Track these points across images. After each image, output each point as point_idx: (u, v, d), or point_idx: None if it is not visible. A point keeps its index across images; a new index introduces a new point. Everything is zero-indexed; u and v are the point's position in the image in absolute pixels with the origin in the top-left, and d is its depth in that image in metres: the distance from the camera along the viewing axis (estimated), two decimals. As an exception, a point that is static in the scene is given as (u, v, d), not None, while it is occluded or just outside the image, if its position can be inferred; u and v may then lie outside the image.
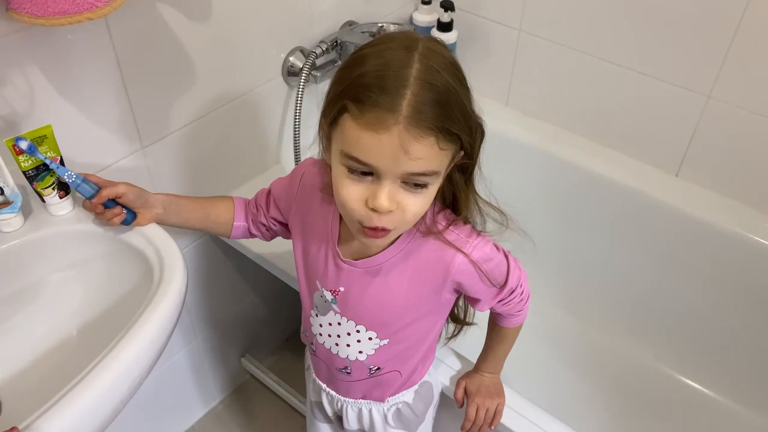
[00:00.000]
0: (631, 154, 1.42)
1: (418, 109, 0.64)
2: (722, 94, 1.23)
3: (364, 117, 0.65)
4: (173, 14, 1.02)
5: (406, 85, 0.64)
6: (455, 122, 0.67)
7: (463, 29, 1.48)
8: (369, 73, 0.66)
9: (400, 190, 0.69)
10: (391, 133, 0.64)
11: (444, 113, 0.66)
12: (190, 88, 1.12)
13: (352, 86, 0.67)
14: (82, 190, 0.85)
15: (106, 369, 0.73)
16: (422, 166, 0.67)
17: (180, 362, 1.46)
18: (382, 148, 0.65)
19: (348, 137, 0.67)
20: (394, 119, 0.64)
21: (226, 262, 1.41)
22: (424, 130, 0.65)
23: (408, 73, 0.65)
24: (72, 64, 0.93)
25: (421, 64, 0.66)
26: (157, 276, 0.85)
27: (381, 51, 0.68)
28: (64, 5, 0.78)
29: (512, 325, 0.93)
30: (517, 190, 1.50)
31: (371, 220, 0.70)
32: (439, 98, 0.65)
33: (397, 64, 0.66)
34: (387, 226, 0.71)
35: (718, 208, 1.32)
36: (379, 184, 0.68)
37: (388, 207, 0.68)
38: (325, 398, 1.02)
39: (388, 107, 0.64)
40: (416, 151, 0.65)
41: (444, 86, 0.66)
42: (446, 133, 0.66)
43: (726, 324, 1.40)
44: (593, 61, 1.36)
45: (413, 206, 0.71)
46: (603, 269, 1.54)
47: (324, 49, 1.27)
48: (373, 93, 0.64)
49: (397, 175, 0.67)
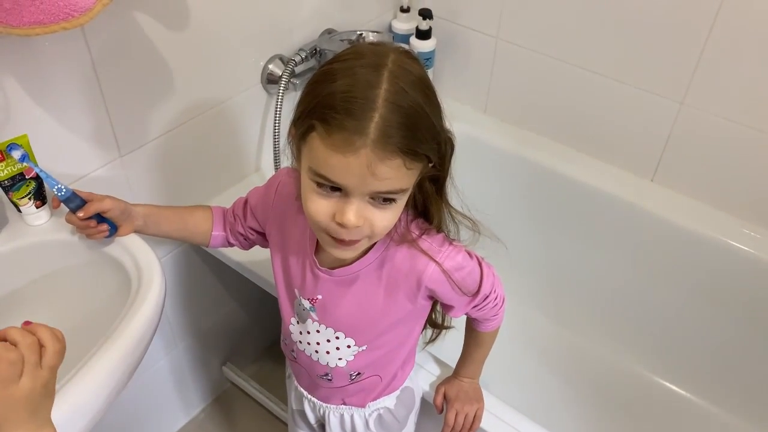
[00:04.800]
0: (606, 159, 1.44)
1: (385, 133, 0.65)
2: (695, 101, 1.26)
3: (332, 138, 0.65)
4: (150, 22, 1.02)
5: (374, 107, 0.65)
6: (422, 143, 0.68)
7: (441, 37, 1.50)
8: (337, 93, 0.66)
9: (368, 206, 0.70)
10: (358, 156, 0.65)
11: (411, 135, 0.66)
12: (169, 96, 1.11)
13: (320, 106, 0.67)
14: (70, 203, 0.84)
15: (83, 380, 0.73)
16: (389, 185, 0.68)
17: (161, 371, 1.45)
18: (350, 169, 0.66)
19: (316, 156, 0.68)
20: (362, 142, 0.64)
21: (205, 270, 1.40)
22: (391, 153, 0.65)
23: (376, 95, 0.65)
24: (48, 73, 0.93)
25: (390, 84, 0.66)
26: (135, 286, 0.85)
27: (350, 68, 0.67)
28: (39, 15, 0.77)
29: (488, 329, 0.94)
30: (495, 195, 1.51)
31: (339, 233, 0.72)
32: (406, 121, 0.66)
33: (365, 84, 0.66)
34: (355, 238, 0.73)
35: (693, 213, 1.34)
36: (347, 200, 0.69)
37: (356, 223, 0.70)
38: (307, 405, 1.02)
39: (355, 130, 0.64)
40: (383, 173, 0.66)
41: (412, 107, 0.67)
42: (413, 155, 0.67)
43: (701, 327, 1.42)
44: (569, 69, 1.38)
45: (381, 221, 0.72)
46: (580, 273, 1.56)
47: (303, 56, 1.27)
48: (341, 115, 0.65)
49: (365, 192, 0.68)
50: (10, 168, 0.86)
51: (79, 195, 0.85)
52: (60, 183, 0.84)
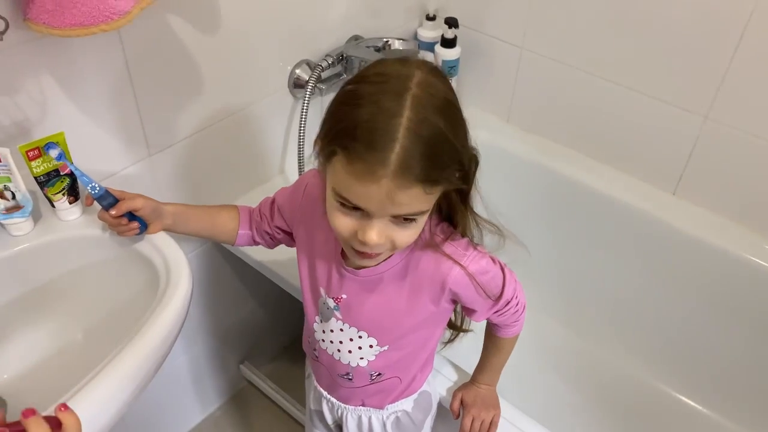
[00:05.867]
0: (629, 171, 1.44)
1: (406, 163, 0.65)
2: (719, 115, 1.25)
3: (353, 167, 0.67)
4: (183, 25, 1.04)
5: (395, 138, 0.65)
6: (444, 170, 0.69)
7: (466, 45, 1.51)
8: (360, 123, 0.67)
9: (390, 225, 0.72)
10: (379, 185, 0.66)
11: (431, 165, 0.67)
12: (198, 97, 1.14)
13: (344, 133, 0.68)
14: (102, 201, 0.87)
15: (112, 373, 0.74)
16: (409, 209, 0.70)
17: (179, 367, 1.47)
18: (370, 196, 0.68)
19: (338, 179, 0.70)
20: (383, 172, 0.65)
21: (227, 269, 1.42)
22: (410, 182, 0.67)
23: (398, 124, 0.66)
24: (84, 73, 0.95)
25: (412, 111, 0.66)
26: (163, 283, 0.87)
27: (373, 93, 0.68)
28: (80, 17, 0.80)
29: (508, 335, 0.95)
30: (516, 204, 1.52)
31: (362, 247, 0.74)
32: (427, 151, 0.67)
33: (387, 113, 0.66)
34: (377, 252, 0.75)
35: (714, 228, 1.34)
36: (369, 220, 0.71)
37: (377, 242, 0.72)
38: (325, 406, 1.03)
39: (376, 161, 0.65)
40: (402, 200, 0.68)
41: (434, 136, 0.67)
42: (433, 182, 0.69)
43: (719, 341, 1.42)
44: (593, 79, 1.38)
45: (403, 237, 0.73)
46: (598, 284, 1.56)
47: (330, 62, 1.29)
48: (362, 146, 0.66)
49: (385, 215, 0.70)
50: (46, 164, 0.88)
51: (111, 193, 0.87)
52: (93, 181, 0.86)
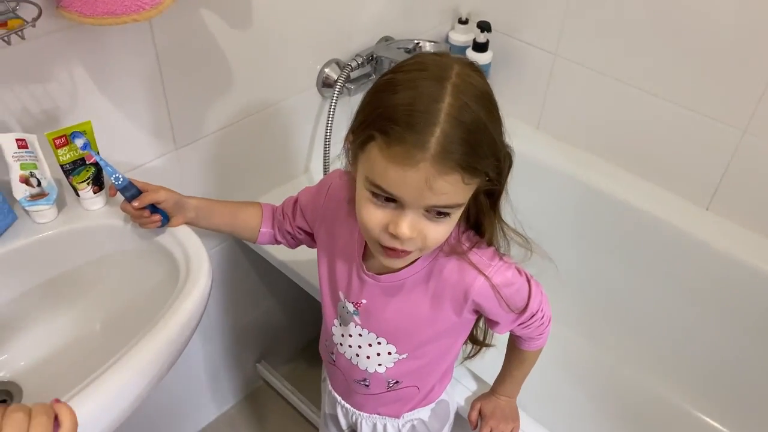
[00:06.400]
0: (661, 184, 1.41)
1: (446, 148, 0.64)
2: (758, 130, 1.22)
3: (391, 150, 0.65)
4: (215, 20, 1.04)
5: (436, 122, 0.64)
6: (483, 159, 0.67)
7: (498, 50, 1.49)
8: (399, 106, 0.65)
9: (423, 219, 0.69)
10: (417, 169, 0.64)
11: (471, 151, 0.65)
12: (227, 93, 1.13)
13: (381, 117, 0.66)
14: (126, 192, 0.86)
15: (129, 363, 0.74)
16: (446, 200, 0.68)
17: (196, 363, 1.47)
18: (407, 182, 0.65)
19: (374, 166, 0.68)
20: (422, 155, 0.64)
21: (248, 267, 1.42)
22: (450, 169, 0.65)
23: (438, 108, 0.64)
24: (114, 63, 0.95)
25: (453, 97, 0.65)
26: (182, 276, 0.86)
27: (413, 80, 0.67)
28: (112, 6, 0.80)
29: (532, 348, 0.92)
30: (544, 213, 1.49)
31: (391, 243, 0.71)
32: (467, 137, 0.65)
33: (428, 98, 0.65)
34: (407, 249, 0.72)
35: (748, 245, 1.30)
36: (402, 211, 0.69)
37: (409, 235, 0.69)
38: (339, 411, 1.02)
39: (415, 144, 0.64)
40: (441, 188, 0.66)
41: (474, 123, 0.66)
42: (472, 171, 0.66)
43: (749, 363, 1.37)
44: (627, 89, 1.35)
45: (435, 234, 0.71)
46: (626, 299, 1.52)
47: (359, 62, 1.28)
48: (402, 128, 0.64)
49: (420, 206, 0.68)
50: (72, 153, 0.88)
51: (135, 185, 0.87)
52: (118, 172, 0.86)
